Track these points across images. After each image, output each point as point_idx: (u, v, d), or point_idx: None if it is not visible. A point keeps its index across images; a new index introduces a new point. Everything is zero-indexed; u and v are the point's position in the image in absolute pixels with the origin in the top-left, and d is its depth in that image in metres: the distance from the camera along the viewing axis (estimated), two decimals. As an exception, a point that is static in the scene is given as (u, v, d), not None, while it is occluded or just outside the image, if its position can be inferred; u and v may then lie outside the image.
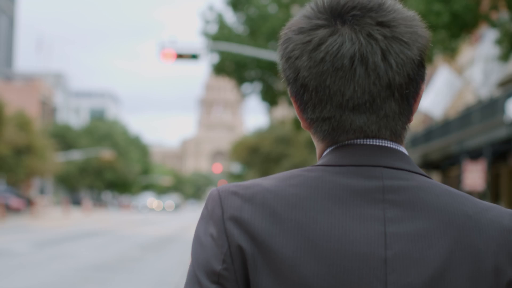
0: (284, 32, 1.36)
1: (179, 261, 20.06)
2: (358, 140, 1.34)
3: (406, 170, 1.33)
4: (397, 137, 1.36)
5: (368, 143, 1.34)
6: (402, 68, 1.30)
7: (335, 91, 1.30)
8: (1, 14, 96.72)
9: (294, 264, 1.25)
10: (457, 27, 16.35)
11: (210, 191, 1.36)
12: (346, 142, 1.34)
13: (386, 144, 1.34)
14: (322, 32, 1.30)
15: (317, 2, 1.35)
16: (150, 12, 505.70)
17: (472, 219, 1.30)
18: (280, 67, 1.38)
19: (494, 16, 17.64)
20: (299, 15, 1.37)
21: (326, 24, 1.31)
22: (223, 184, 1.40)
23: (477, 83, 25.92)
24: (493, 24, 17.16)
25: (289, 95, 1.39)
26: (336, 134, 1.34)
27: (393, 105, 1.32)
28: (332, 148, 1.36)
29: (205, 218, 1.33)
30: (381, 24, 1.30)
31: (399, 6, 1.35)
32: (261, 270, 1.27)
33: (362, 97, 1.30)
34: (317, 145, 1.40)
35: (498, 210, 1.34)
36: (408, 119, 1.36)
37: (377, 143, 1.34)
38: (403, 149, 1.37)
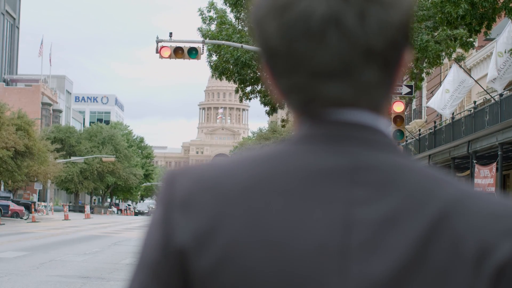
0: None
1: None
2: (332, 112, 1.22)
3: (384, 148, 1.21)
4: (375, 110, 1.23)
5: (342, 116, 1.22)
6: (381, 32, 1.19)
7: (307, 57, 1.19)
8: (4, 19, 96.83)
9: (241, 251, 1.16)
10: (476, 19, 15.97)
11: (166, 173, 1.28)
12: (319, 114, 1.23)
13: (362, 118, 1.22)
14: None
15: None
16: (149, 18, 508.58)
17: (454, 202, 1.18)
18: (251, 33, 1.28)
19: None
20: None
21: None
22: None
23: (491, 77, 25.69)
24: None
25: (262, 62, 1.28)
26: (308, 105, 1.23)
27: (372, 73, 1.20)
28: (303, 120, 1.25)
29: (156, 202, 1.26)
30: None
31: None
32: (205, 258, 1.18)
33: (337, 63, 1.19)
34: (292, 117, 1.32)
35: (487, 196, 1.22)
36: (389, 90, 1.23)
37: (352, 117, 1.22)
38: (382, 124, 1.24)
